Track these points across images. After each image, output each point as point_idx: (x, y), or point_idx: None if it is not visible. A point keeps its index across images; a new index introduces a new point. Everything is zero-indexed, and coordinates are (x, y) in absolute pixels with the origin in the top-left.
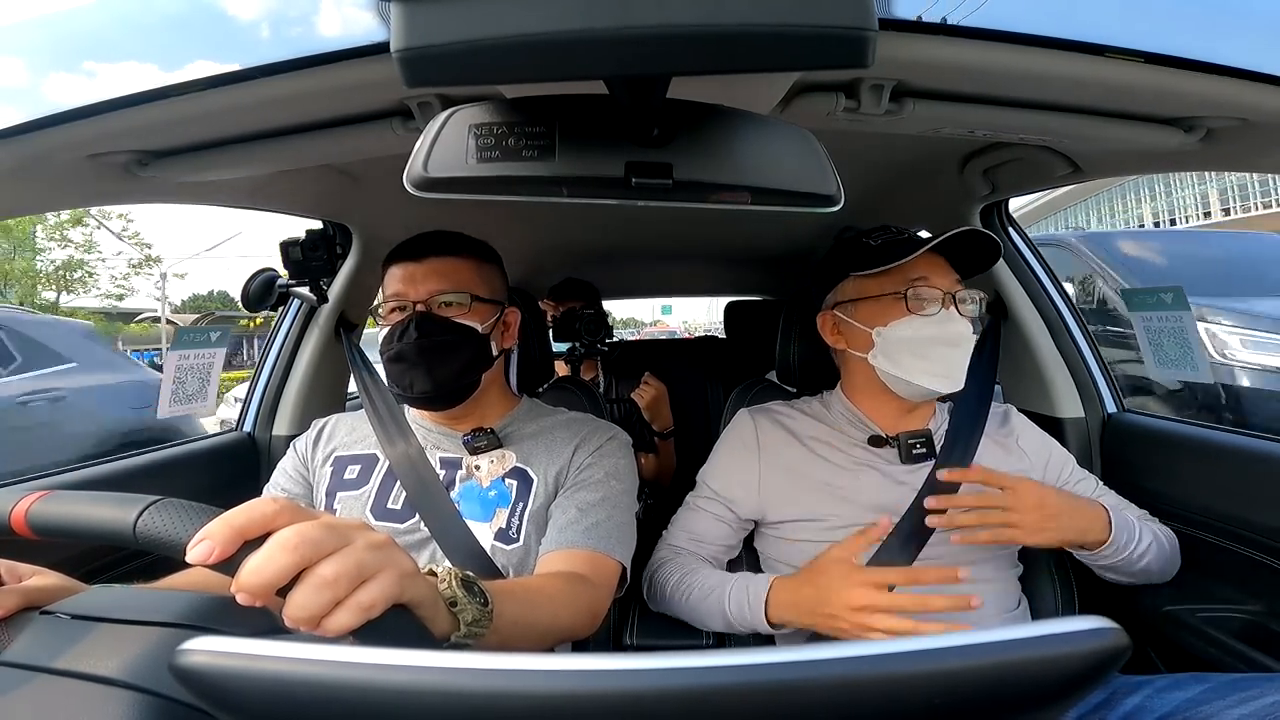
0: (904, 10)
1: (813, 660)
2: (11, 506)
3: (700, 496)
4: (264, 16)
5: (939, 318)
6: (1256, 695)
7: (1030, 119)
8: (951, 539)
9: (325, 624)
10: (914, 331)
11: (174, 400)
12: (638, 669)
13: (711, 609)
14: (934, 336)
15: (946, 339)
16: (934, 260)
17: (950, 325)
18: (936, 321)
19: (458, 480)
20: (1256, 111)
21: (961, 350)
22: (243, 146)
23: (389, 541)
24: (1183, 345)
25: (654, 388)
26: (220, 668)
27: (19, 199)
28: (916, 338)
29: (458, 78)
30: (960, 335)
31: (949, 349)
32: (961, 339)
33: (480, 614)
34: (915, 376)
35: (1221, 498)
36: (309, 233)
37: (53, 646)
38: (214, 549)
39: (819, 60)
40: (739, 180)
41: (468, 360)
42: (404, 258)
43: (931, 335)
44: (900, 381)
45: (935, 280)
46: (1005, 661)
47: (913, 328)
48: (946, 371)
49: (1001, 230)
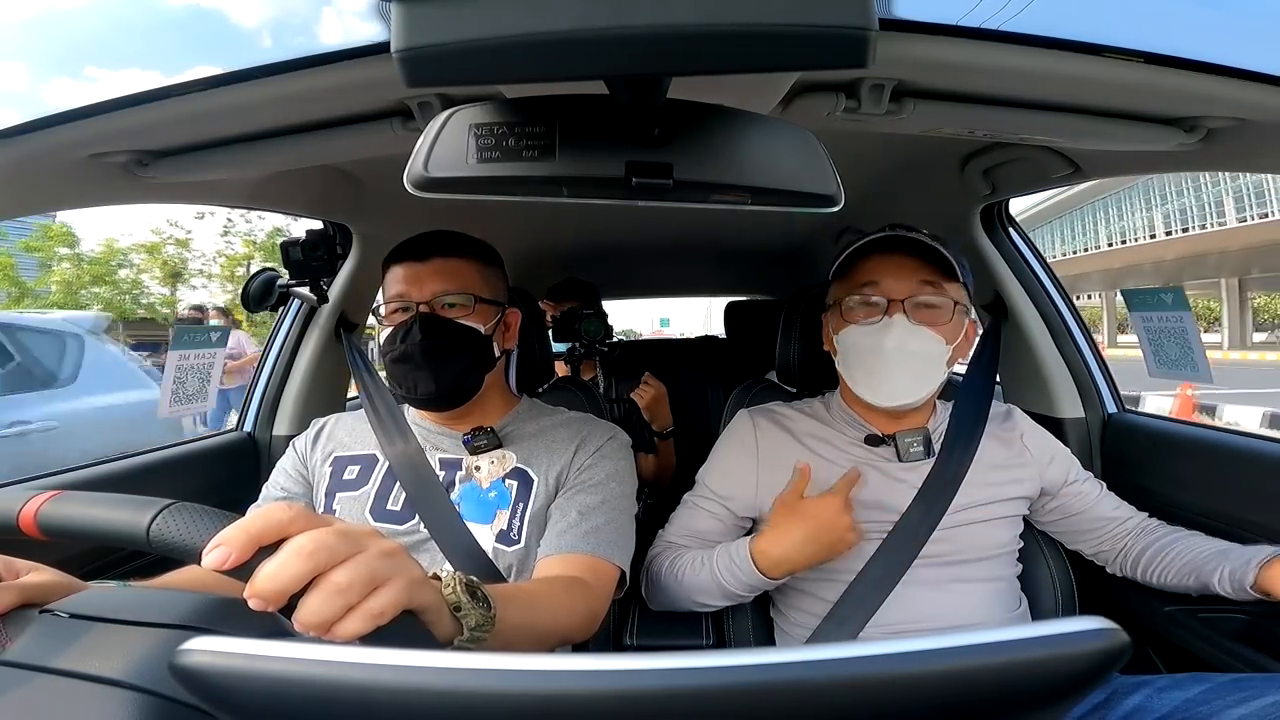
0: (905, 10)
1: (813, 660)
2: (20, 506)
3: (699, 495)
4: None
5: (877, 327)
6: (1256, 695)
7: (1030, 119)
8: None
9: (336, 630)
10: (854, 341)
11: (174, 400)
12: (637, 669)
13: (705, 583)
14: (870, 348)
15: (879, 351)
16: (895, 262)
17: (885, 336)
18: (872, 332)
19: (458, 481)
20: (1256, 111)
21: (897, 365)
22: (243, 146)
23: (400, 549)
24: (1183, 346)
25: (653, 388)
26: (220, 668)
27: (19, 199)
28: (857, 347)
29: (458, 78)
30: (894, 349)
31: (881, 361)
32: (895, 353)
33: (484, 619)
34: (859, 388)
35: (1221, 498)
36: (309, 233)
37: (52, 646)
38: (230, 555)
39: (819, 60)
40: (739, 180)
41: (471, 362)
42: (407, 258)
43: (868, 346)
44: (854, 390)
45: (886, 285)
46: (1006, 662)
47: (853, 337)
48: (884, 386)
49: (1002, 230)
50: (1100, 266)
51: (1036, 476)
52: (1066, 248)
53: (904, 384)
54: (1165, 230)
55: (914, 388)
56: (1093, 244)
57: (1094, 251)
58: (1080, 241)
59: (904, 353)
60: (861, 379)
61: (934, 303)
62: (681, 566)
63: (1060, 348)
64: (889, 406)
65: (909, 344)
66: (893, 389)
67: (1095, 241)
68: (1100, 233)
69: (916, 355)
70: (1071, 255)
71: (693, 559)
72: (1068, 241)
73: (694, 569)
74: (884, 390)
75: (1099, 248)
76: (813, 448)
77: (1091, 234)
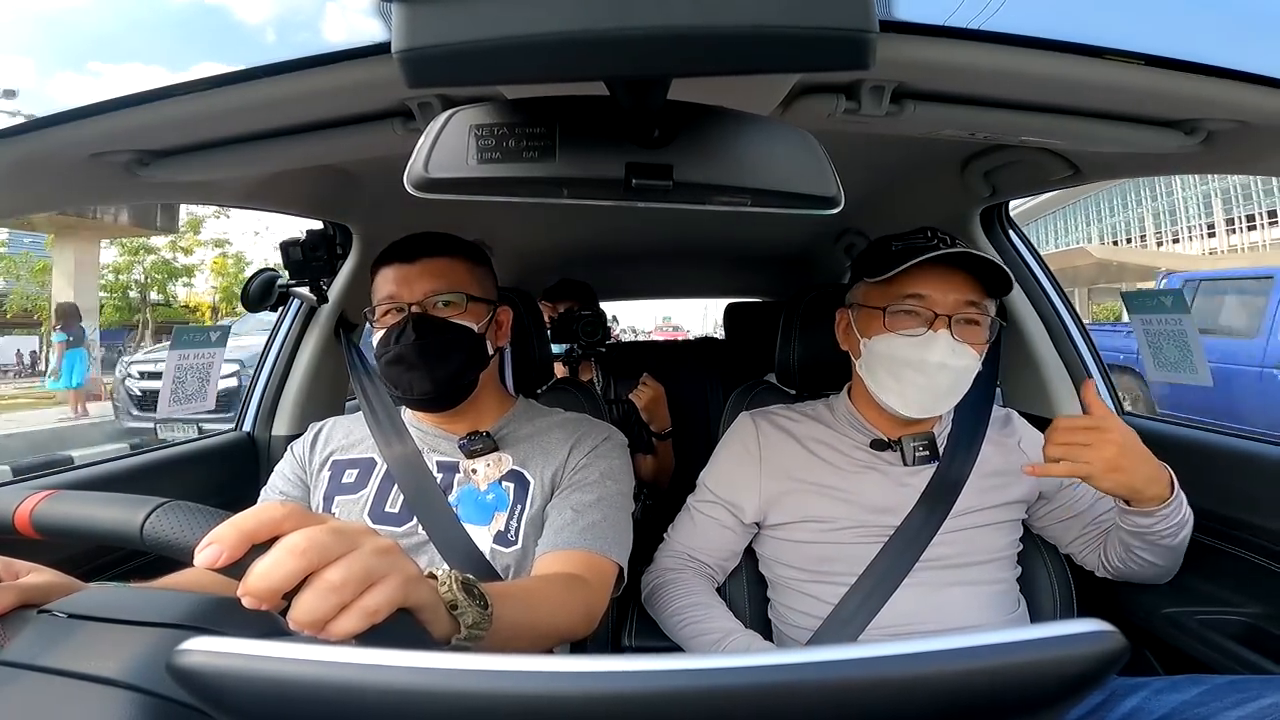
0: (906, 12)
1: (813, 662)
2: (15, 506)
3: (701, 500)
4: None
5: (920, 340)
6: (1254, 697)
7: (1030, 121)
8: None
9: (330, 628)
10: (890, 350)
11: (174, 400)
12: (637, 670)
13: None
14: (908, 359)
15: (918, 365)
16: (941, 276)
17: (927, 351)
18: (915, 344)
19: (455, 484)
20: (1256, 114)
21: (933, 379)
22: (243, 146)
23: (394, 547)
24: (1182, 349)
25: (652, 389)
26: (218, 668)
27: (20, 199)
28: (892, 357)
29: (458, 78)
30: (936, 364)
31: (920, 375)
32: (936, 367)
33: (480, 617)
34: (884, 395)
35: (1220, 500)
36: (309, 233)
37: (50, 646)
38: (222, 552)
39: (819, 62)
40: (739, 182)
41: (465, 360)
42: (395, 259)
43: (905, 357)
44: (878, 397)
45: (933, 299)
46: (1004, 664)
47: (890, 346)
48: (916, 398)
49: (1002, 232)
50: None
51: (1034, 481)
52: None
53: (937, 398)
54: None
55: (945, 401)
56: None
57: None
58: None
59: (944, 368)
60: (892, 386)
61: (977, 320)
62: (688, 620)
63: (1060, 350)
64: (915, 417)
65: (950, 360)
66: (925, 402)
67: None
68: (1050, 242)
69: (955, 371)
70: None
71: (704, 621)
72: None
73: (701, 632)
74: (916, 402)
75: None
76: (816, 451)
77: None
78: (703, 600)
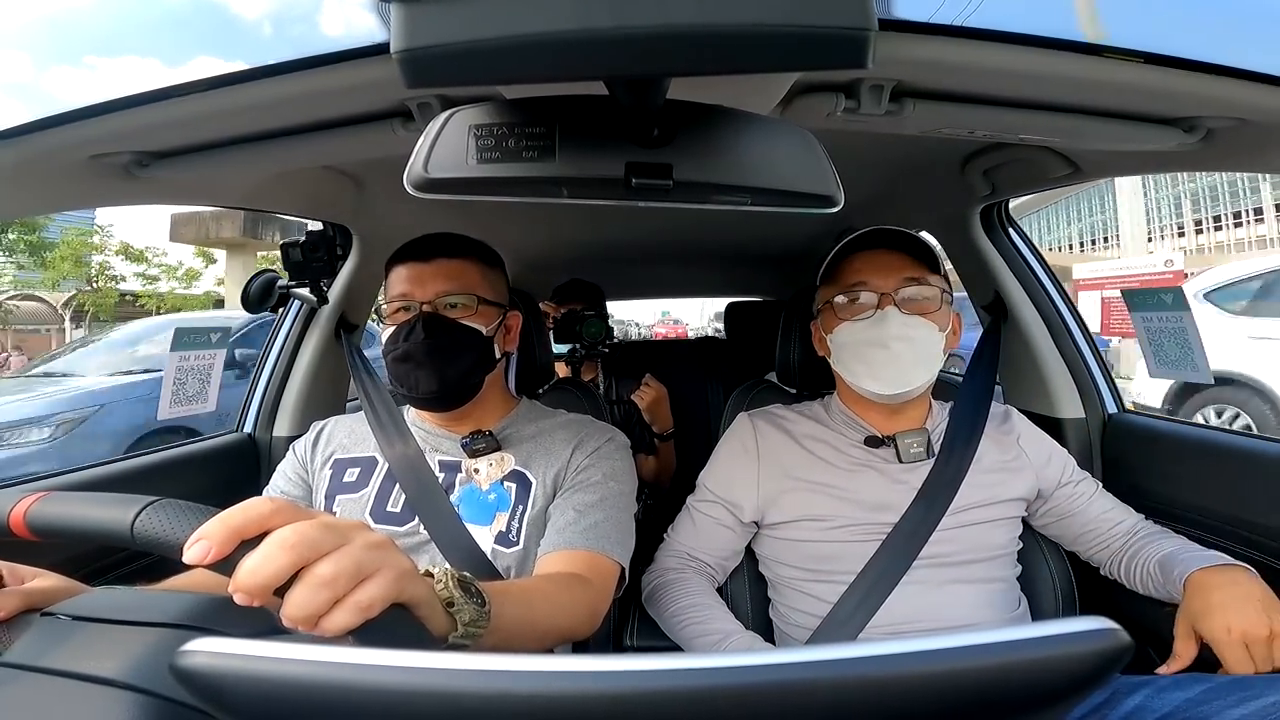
0: (904, 10)
1: (813, 661)
2: (10, 507)
3: (701, 500)
4: (267, 15)
5: (872, 320)
6: (1257, 695)
7: (1030, 119)
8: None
9: (323, 624)
10: (851, 337)
11: (174, 401)
12: (637, 670)
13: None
14: (868, 340)
15: (879, 342)
16: (877, 259)
17: (882, 328)
18: (869, 325)
19: (457, 484)
20: (1255, 111)
21: (896, 353)
22: (243, 147)
23: (387, 541)
24: (1183, 346)
25: (654, 389)
26: (220, 668)
27: (19, 199)
28: (854, 341)
29: (458, 78)
30: (894, 336)
31: (882, 351)
32: (895, 339)
33: (477, 614)
34: (859, 380)
35: (1221, 498)
36: (309, 233)
37: (53, 647)
38: (210, 548)
39: (818, 61)
40: (739, 181)
41: (473, 362)
42: (410, 258)
43: (865, 339)
44: (855, 386)
45: (873, 281)
46: (1007, 662)
47: (849, 333)
48: (886, 374)
49: (1002, 231)
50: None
51: (1033, 478)
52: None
53: (906, 370)
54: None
55: (915, 373)
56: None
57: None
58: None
59: (902, 340)
60: (862, 371)
61: (921, 294)
62: (688, 621)
63: (1060, 348)
64: (893, 394)
65: (906, 332)
66: (896, 376)
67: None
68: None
69: (913, 340)
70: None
71: (705, 623)
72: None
73: (703, 632)
74: (886, 377)
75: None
76: (812, 449)
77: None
78: (703, 601)
